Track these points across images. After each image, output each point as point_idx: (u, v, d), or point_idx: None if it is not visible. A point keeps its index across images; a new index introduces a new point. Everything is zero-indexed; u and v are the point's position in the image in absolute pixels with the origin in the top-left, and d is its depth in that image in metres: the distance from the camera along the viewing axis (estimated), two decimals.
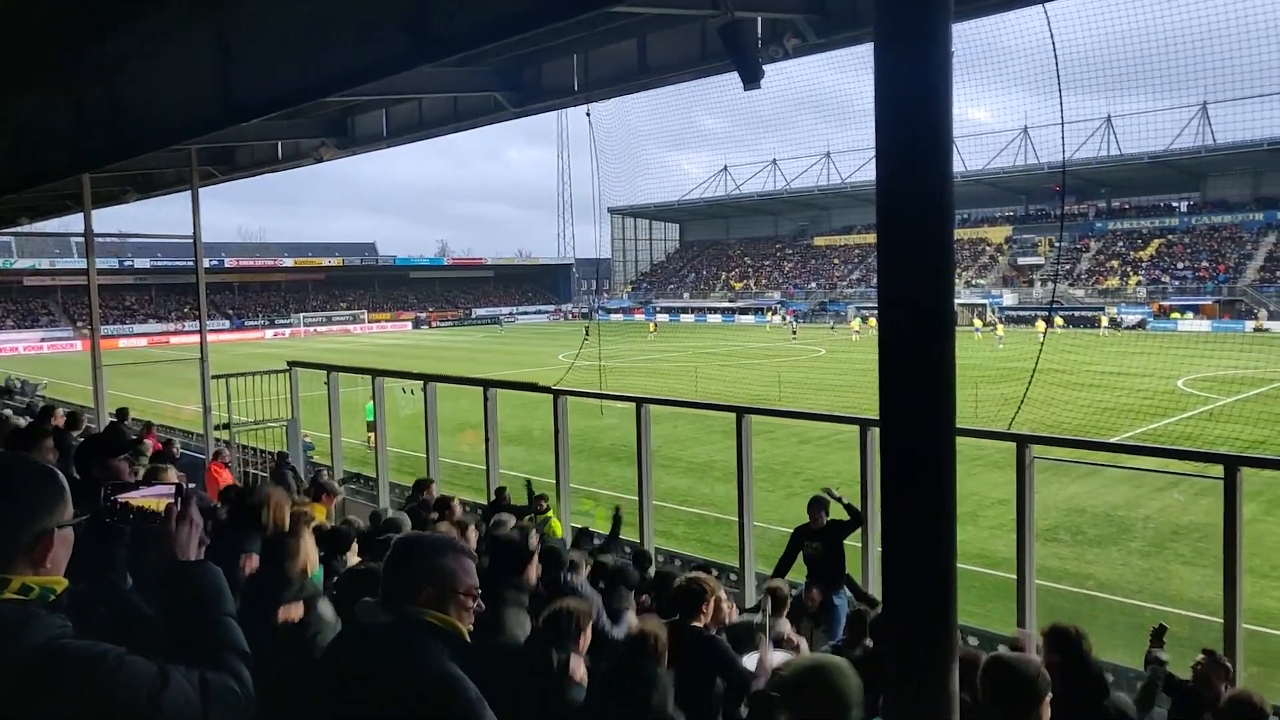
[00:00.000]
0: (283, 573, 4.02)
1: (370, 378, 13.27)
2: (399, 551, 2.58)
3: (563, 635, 4.07)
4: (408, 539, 2.69)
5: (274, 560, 4.10)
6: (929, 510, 1.74)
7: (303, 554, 4.11)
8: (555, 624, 4.12)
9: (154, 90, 8.36)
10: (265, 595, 3.84)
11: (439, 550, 2.55)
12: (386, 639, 2.41)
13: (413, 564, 2.51)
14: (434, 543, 2.63)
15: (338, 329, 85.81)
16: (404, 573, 2.51)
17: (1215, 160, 66.41)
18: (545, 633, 4.11)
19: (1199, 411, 25.27)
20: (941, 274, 1.81)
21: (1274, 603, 11.30)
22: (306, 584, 4.09)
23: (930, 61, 1.87)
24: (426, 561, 2.51)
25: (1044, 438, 7.56)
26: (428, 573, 2.49)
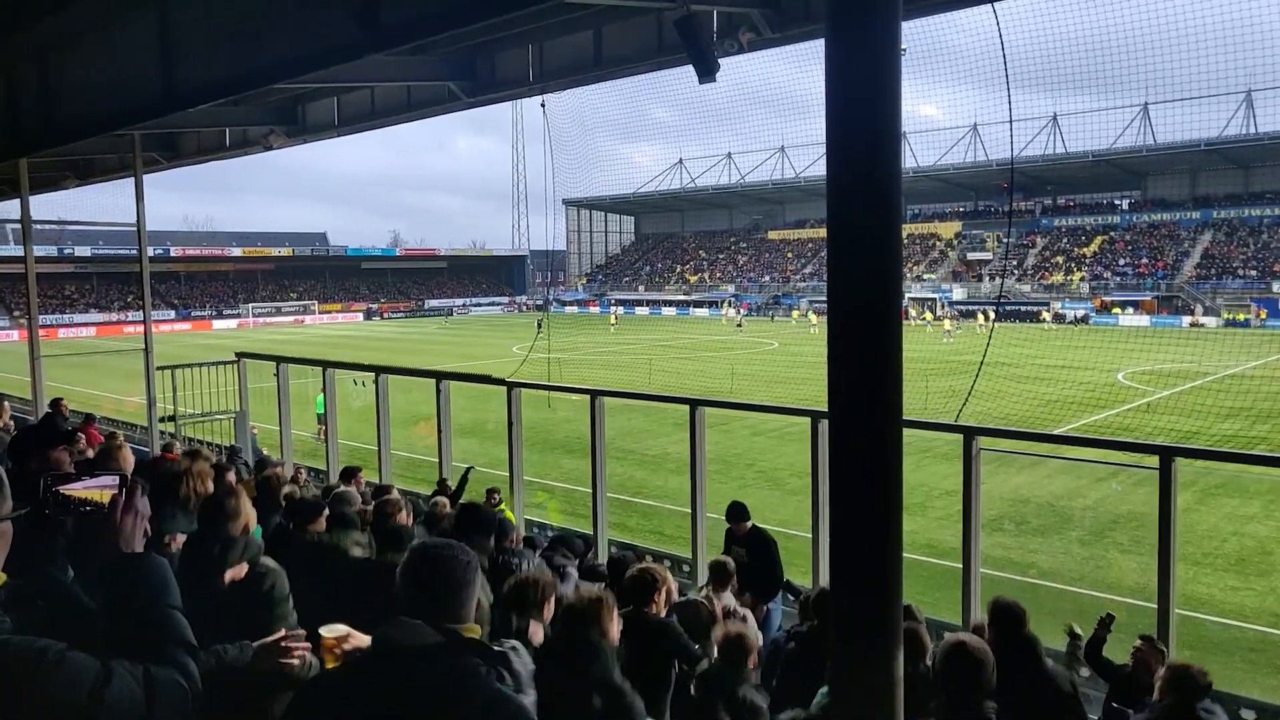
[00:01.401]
0: (225, 534, 3.95)
1: (321, 369, 13.09)
2: (433, 568, 2.42)
3: (528, 603, 4.10)
4: (439, 553, 2.47)
5: (214, 523, 4.03)
6: (876, 500, 1.78)
7: (243, 514, 4.07)
8: (521, 591, 4.16)
9: (92, 74, 8.13)
10: (209, 560, 3.79)
11: (471, 566, 2.45)
12: (436, 661, 2.26)
13: (452, 583, 2.40)
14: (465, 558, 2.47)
15: (288, 320, 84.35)
16: (446, 590, 2.38)
17: (1155, 160, 68.34)
18: (510, 597, 4.14)
19: (1138, 404, 26.01)
20: (889, 266, 1.85)
21: (1206, 589, 11.69)
22: (250, 542, 4.05)
23: (879, 58, 1.90)
24: (465, 579, 2.41)
25: (990, 430, 7.73)
26: (466, 592, 2.41)
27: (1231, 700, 6.50)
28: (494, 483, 11.69)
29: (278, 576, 3.79)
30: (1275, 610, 11.07)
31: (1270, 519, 14.52)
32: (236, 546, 3.89)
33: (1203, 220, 68.11)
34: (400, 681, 2.23)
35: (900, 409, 1.84)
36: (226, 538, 3.92)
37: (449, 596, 2.38)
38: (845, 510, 1.82)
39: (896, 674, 1.74)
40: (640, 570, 5.06)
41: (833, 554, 1.79)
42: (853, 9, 1.93)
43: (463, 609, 2.38)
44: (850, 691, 1.78)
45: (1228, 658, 9.79)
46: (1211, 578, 12.11)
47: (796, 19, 7.86)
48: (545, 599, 4.25)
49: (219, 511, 4.03)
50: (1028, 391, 26.62)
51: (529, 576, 4.31)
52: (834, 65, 1.95)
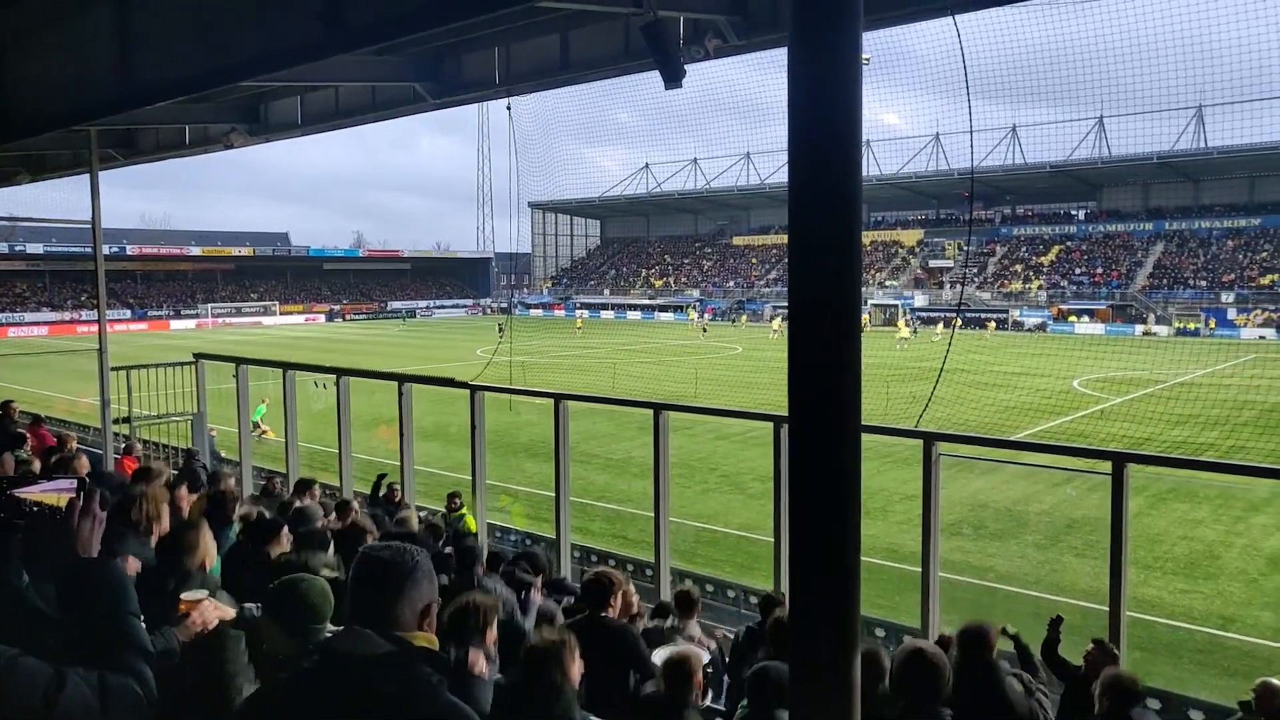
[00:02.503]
0: (181, 567, 3.90)
1: (281, 371, 12.92)
2: (380, 572, 2.34)
3: (468, 631, 4.03)
4: (386, 558, 2.39)
5: (172, 555, 3.97)
6: (834, 504, 1.81)
7: (201, 548, 4.00)
8: (461, 619, 4.08)
9: (47, 69, 7.96)
10: (163, 592, 3.72)
11: (423, 569, 2.37)
12: (385, 671, 2.19)
13: (404, 587, 2.31)
14: (416, 561, 2.39)
15: (247, 320, 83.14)
16: (394, 597, 2.29)
17: (1110, 171, 69.88)
18: (450, 628, 4.07)
19: (1092, 410, 26.52)
20: (849, 272, 1.88)
21: (1156, 592, 11.96)
22: (207, 579, 3.99)
23: (841, 66, 1.93)
24: (417, 583, 2.32)
25: (950, 435, 7.84)
26: (418, 595, 2.32)
27: (1180, 701, 6.67)
28: (456, 486, 11.65)
29: None
30: (1222, 613, 11.35)
31: (1218, 523, 14.89)
32: (193, 582, 3.83)
33: (1155, 231, 69.72)
34: (348, 692, 2.15)
35: (859, 414, 1.87)
36: (184, 572, 3.86)
37: (397, 603, 2.28)
38: (804, 514, 1.85)
39: (854, 679, 1.77)
40: (597, 573, 5.06)
41: (791, 557, 1.82)
42: (815, 18, 1.96)
43: (411, 616, 2.30)
44: (808, 695, 1.80)
45: (1177, 659, 10.03)
46: (1162, 581, 12.38)
47: (763, 26, 7.93)
48: (488, 624, 4.13)
49: (178, 545, 3.96)
50: (986, 398, 27.04)
51: (469, 602, 4.17)
52: (796, 73, 1.98)
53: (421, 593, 2.32)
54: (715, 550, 13.83)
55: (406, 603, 2.29)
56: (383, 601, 2.28)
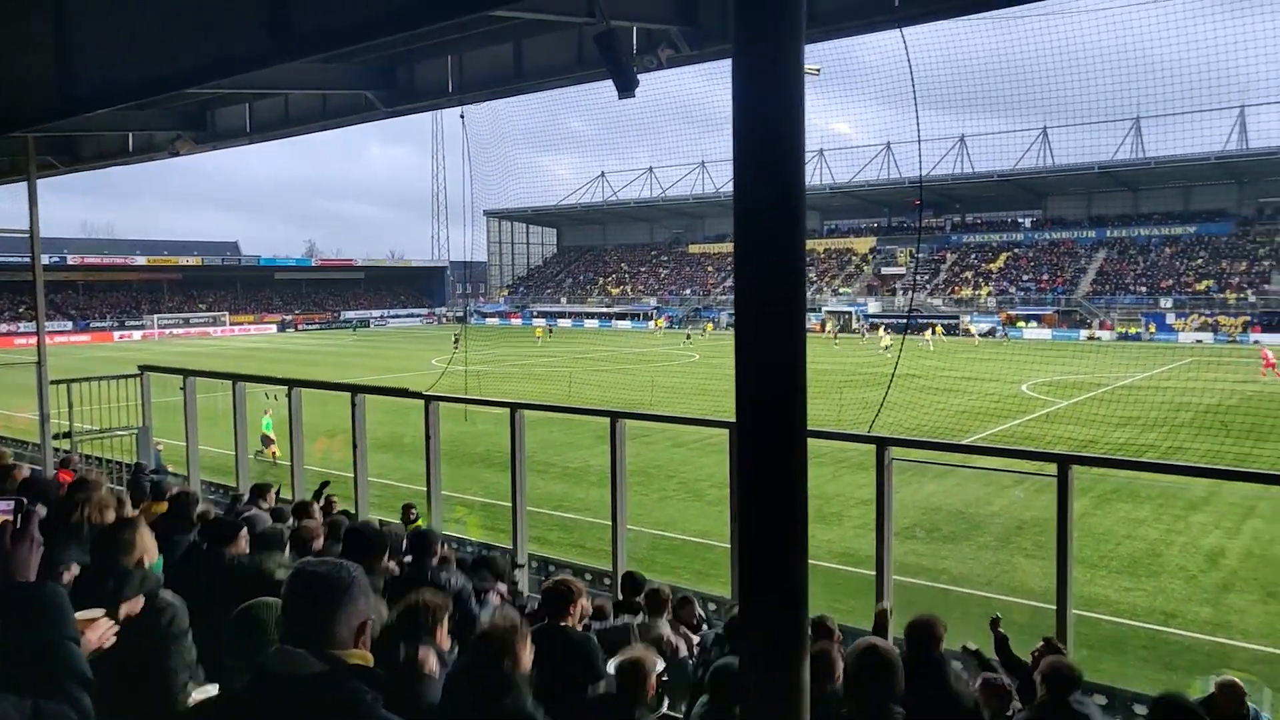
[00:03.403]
0: (120, 567, 3.79)
1: (231, 383, 12.69)
2: (316, 589, 2.28)
3: (417, 628, 4.00)
4: (324, 573, 2.33)
5: (108, 555, 3.86)
6: (782, 508, 1.83)
7: (139, 546, 3.90)
8: (411, 616, 4.04)
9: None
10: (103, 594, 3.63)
11: (360, 585, 2.31)
12: (318, 691, 2.14)
13: (341, 603, 2.25)
14: (353, 577, 2.33)
15: (195, 331, 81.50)
16: (326, 614, 2.23)
17: (1054, 180, 71.69)
18: (399, 625, 4.04)
19: (1040, 414, 27.10)
20: (794, 279, 1.91)
21: (1102, 590, 12.24)
22: (148, 576, 3.89)
23: (783, 77, 1.97)
24: (354, 599, 2.27)
25: (902, 440, 7.97)
26: (354, 612, 2.26)
27: (1124, 696, 6.83)
28: (412, 498, 11.53)
29: (177, 611, 3.64)
30: (1164, 609, 11.66)
31: (1159, 522, 15.29)
32: (132, 580, 3.74)
33: (1098, 239, 71.58)
34: (282, 713, 2.10)
35: (805, 419, 1.90)
36: (122, 571, 3.76)
37: (330, 621, 2.22)
38: (752, 518, 1.88)
39: (803, 678, 1.80)
40: (556, 582, 5.05)
41: (740, 560, 1.84)
42: (757, 31, 2.00)
43: (347, 633, 2.24)
44: (758, 693, 1.83)
45: (1121, 655, 10.27)
46: (1107, 579, 12.68)
47: (715, 37, 8.01)
48: (438, 622, 4.09)
49: (113, 544, 3.86)
50: (938, 403, 27.48)
51: (419, 600, 4.12)
52: (740, 84, 2.01)
53: (358, 609, 2.27)
54: (673, 557, 13.86)
55: (343, 620, 2.23)
56: (319, 617, 2.23)
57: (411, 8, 4.92)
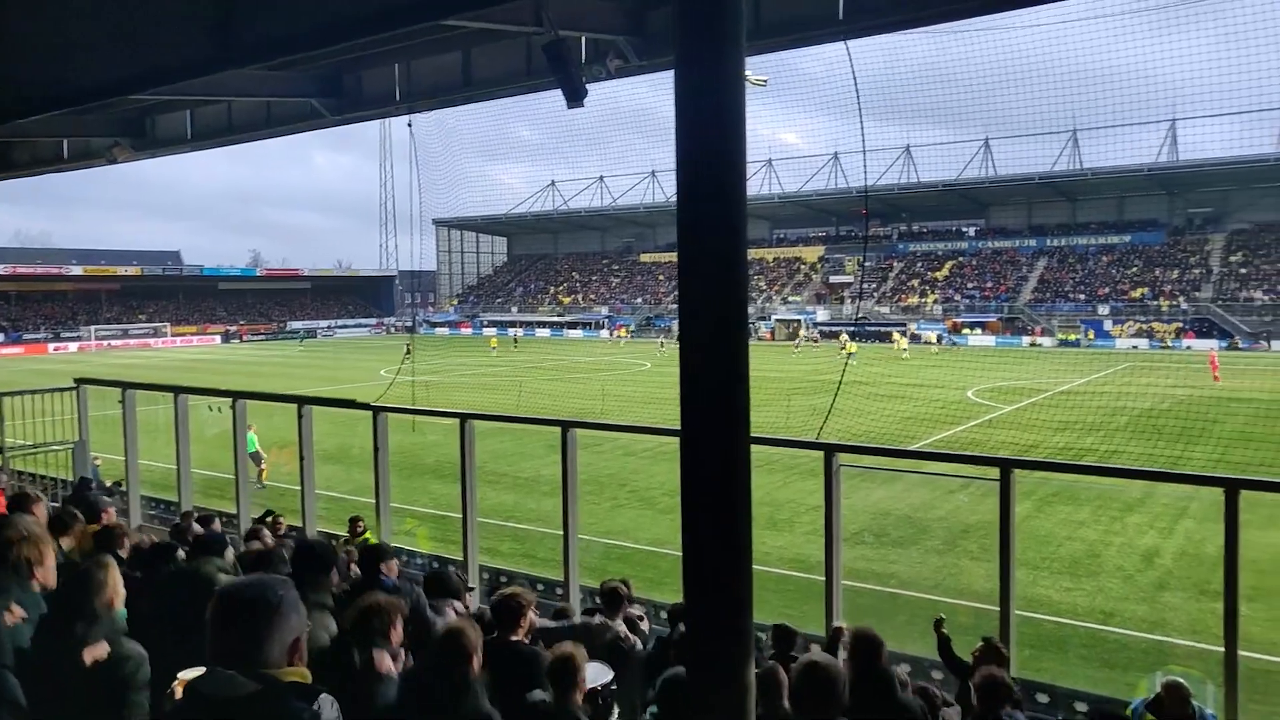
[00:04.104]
0: (88, 607, 3.68)
1: (172, 395, 12.39)
2: (242, 611, 2.22)
3: (372, 632, 3.98)
4: (249, 596, 2.26)
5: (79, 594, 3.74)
6: (726, 513, 1.87)
7: (110, 586, 3.79)
8: (365, 620, 4.02)
9: None
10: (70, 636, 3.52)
11: (289, 602, 2.25)
12: (255, 713, 2.09)
13: (270, 626, 2.20)
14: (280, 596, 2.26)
15: (135, 343, 79.43)
16: (255, 636, 2.18)
17: (996, 190, 73.43)
18: (353, 630, 4.01)
19: (984, 419, 27.67)
20: (736, 288, 1.95)
21: (1044, 590, 12.53)
22: (115, 621, 3.79)
23: (725, 88, 2.01)
24: (284, 619, 2.21)
25: (849, 446, 8.08)
26: (286, 632, 2.21)
27: (1065, 694, 7.00)
28: (359, 510, 11.37)
29: (141, 663, 3.56)
30: (1104, 609, 11.97)
31: (1098, 524, 15.71)
32: (101, 624, 3.63)
33: (1038, 247, 73.44)
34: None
35: (748, 426, 1.94)
36: (91, 613, 3.65)
37: (262, 639, 2.16)
38: (697, 523, 1.91)
39: (748, 680, 1.83)
40: (505, 595, 5.03)
41: (686, 564, 1.87)
42: (698, 43, 2.04)
43: (279, 653, 2.18)
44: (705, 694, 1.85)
45: (1063, 654, 10.52)
46: (1049, 580, 12.98)
47: (663, 47, 8.09)
48: (392, 625, 4.08)
49: (85, 583, 3.73)
50: (885, 409, 27.91)
51: (374, 602, 4.12)
52: (682, 96, 2.05)
53: (289, 627, 2.21)
54: (625, 566, 13.85)
55: (274, 640, 2.18)
56: (248, 640, 2.17)
57: (360, 18, 4.89)
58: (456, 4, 5.34)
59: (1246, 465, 18.97)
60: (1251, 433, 23.13)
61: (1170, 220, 69.69)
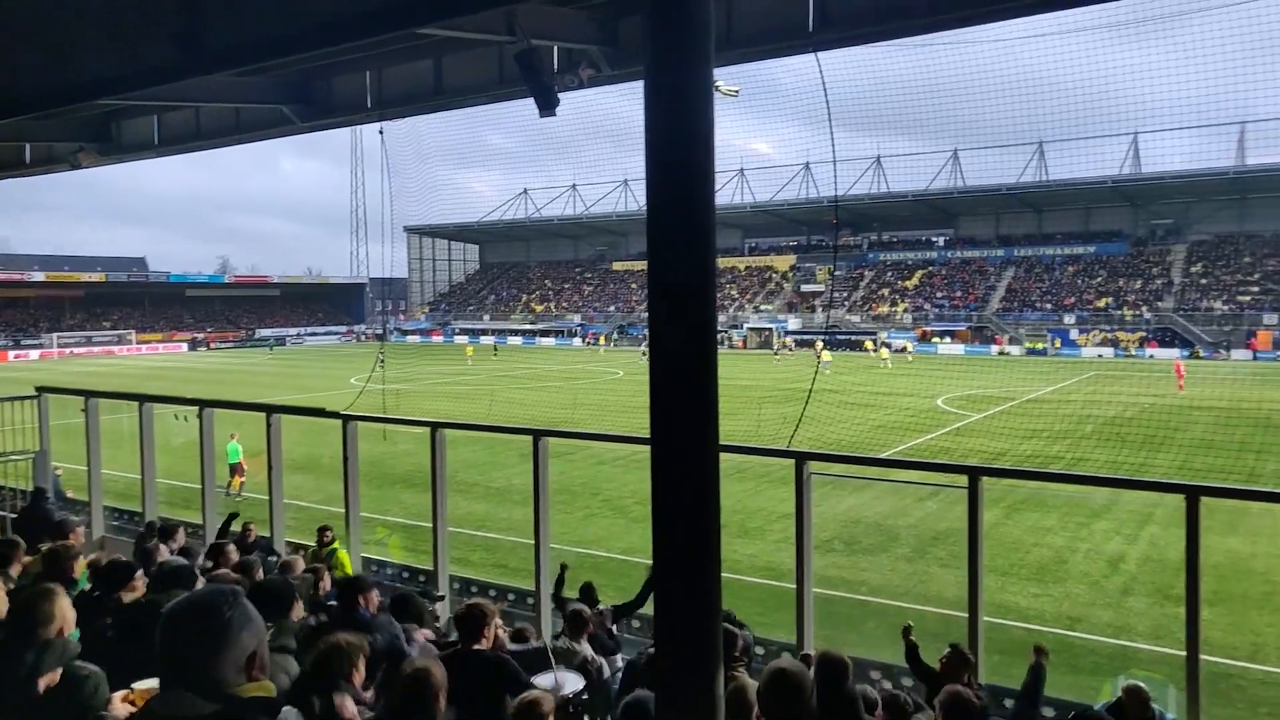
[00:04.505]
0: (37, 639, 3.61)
1: (137, 404, 12.20)
2: (189, 632, 2.14)
3: (333, 675, 3.89)
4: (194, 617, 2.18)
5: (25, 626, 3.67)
6: (695, 521, 1.87)
7: (59, 616, 3.72)
8: (326, 663, 3.91)
9: None
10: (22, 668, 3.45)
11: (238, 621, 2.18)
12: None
13: (219, 646, 2.13)
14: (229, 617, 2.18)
15: (100, 350, 78.16)
16: (211, 658, 2.12)
17: (965, 201, 74.37)
18: (313, 673, 3.91)
19: (954, 427, 27.94)
20: (705, 296, 1.96)
21: (1012, 596, 12.67)
22: (68, 645, 3.72)
23: (693, 98, 2.03)
24: (234, 638, 2.14)
25: (819, 454, 8.12)
26: (238, 650, 2.14)
27: None
28: (329, 520, 11.26)
29: (100, 681, 3.49)
30: (1070, 614, 12.12)
31: (1065, 530, 15.91)
32: (53, 652, 3.56)
33: (1006, 257, 74.44)
34: None
35: (717, 435, 1.95)
36: (41, 644, 3.57)
37: (215, 657, 2.10)
38: (667, 531, 1.91)
39: (717, 688, 1.84)
40: (469, 606, 5.00)
41: (655, 571, 1.87)
42: (668, 54, 2.06)
43: (234, 672, 2.13)
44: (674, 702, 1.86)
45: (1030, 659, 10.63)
46: (1017, 586, 13.12)
47: (636, 57, 8.11)
48: (354, 666, 3.98)
49: (31, 615, 3.66)
50: (856, 417, 28.10)
51: (334, 644, 4.00)
52: (652, 107, 2.07)
53: (242, 645, 2.15)
54: (598, 575, 13.74)
55: (227, 661, 2.12)
56: (200, 662, 2.11)
57: (330, 26, 4.86)
58: (428, 13, 5.32)
59: (1208, 471, 19.32)
60: (1212, 440, 23.55)
61: (1134, 231, 70.95)
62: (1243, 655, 10.62)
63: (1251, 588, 12.86)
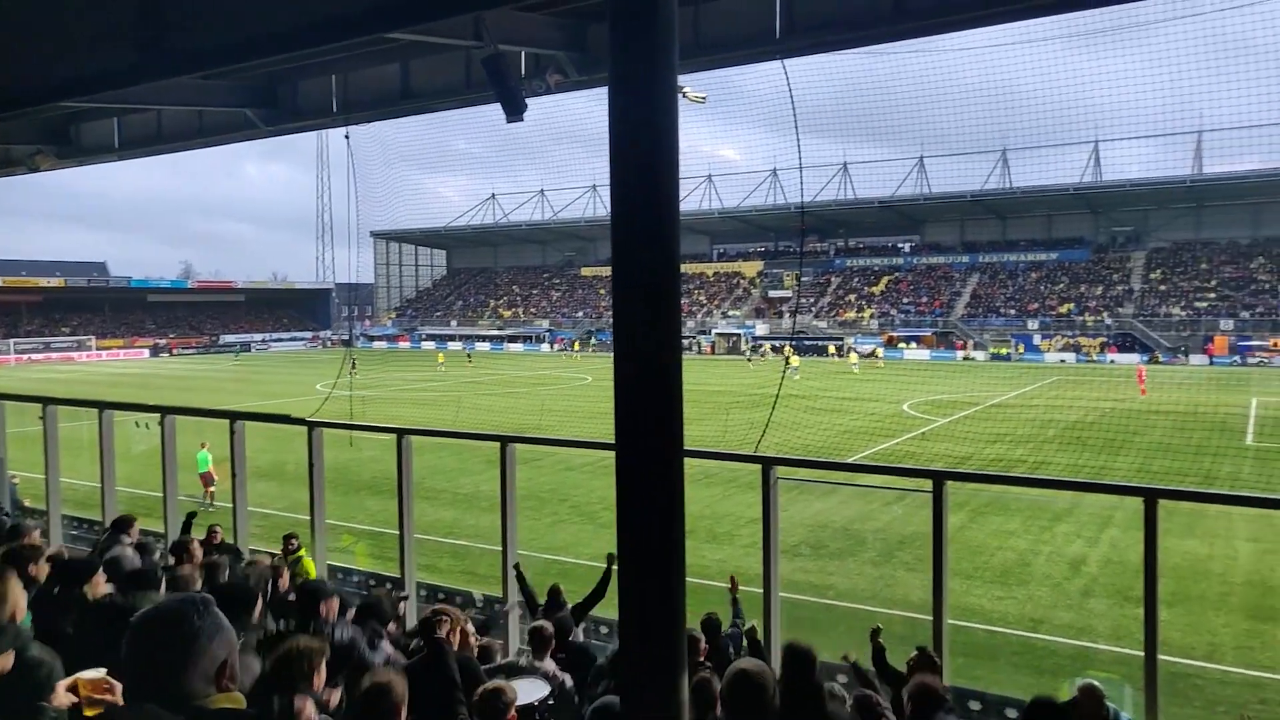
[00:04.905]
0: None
1: (97, 410, 11.98)
2: (158, 642, 2.10)
3: (294, 677, 3.87)
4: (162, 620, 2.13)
5: None
6: (660, 525, 1.89)
7: (10, 601, 3.69)
8: (286, 665, 3.89)
9: None
10: None
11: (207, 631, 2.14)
12: None
13: (186, 659, 2.09)
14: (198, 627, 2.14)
15: (58, 356, 76.63)
16: (179, 670, 2.07)
17: (931, 207, 75.27)
18: (273, 676, 3.88)
19: (920, 432, 28.24)
20: (669, 303, 1.98)
21: (977, 599, 12.82)
22: (20, 631, 3.68)
23: (658, 105, 2.05)
24: (202, 650, 2.10)
25: (786, 459, 8.18)
26: (207, 662, 2.10)
27: (996, 701, 7.17)
28: (295, 527, 11.13)
29: (53, 668, 3.43)
30: (1033, 616, 12.29)
31: (1028, 533, 16.13)
32: (5, 636, 3.51)
33: (971, 263, 75.42)
34: None
35: (682, 439, 1.97)
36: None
37: (183, 668, 2.06)
38: (632, 535, 1.92)
39: (681, 688, 1.85)
40: (433, 610, 4.99)
41: (620, 576, 1.88)
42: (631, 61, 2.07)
43: (203, 684, 2.09)
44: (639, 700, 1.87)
45: (994, 662, 10.77)
46: (981, 589, 13.28)
47: (603, 63, 8.12)
48: (314, 669, 3.95)
49: None
50: (823, 422, 28.30)
51: (294, 647, 3.98)
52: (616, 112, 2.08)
53: (212, 655, 2.12)
54: (566, 581, 13.69)
55: (195, 672, 2.09)
56: (167, 674, 2.08)
57: (295, 30, 4.82)
58: (395, 19, 5.30)
59: (1167, 474, 19.70)
60: (1170, 443, 24.02)
61: (1095, 238, 72.22)
62: (1200, 655, 10.83)
63: (1208, 588, 13.12)
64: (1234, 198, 64.22)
